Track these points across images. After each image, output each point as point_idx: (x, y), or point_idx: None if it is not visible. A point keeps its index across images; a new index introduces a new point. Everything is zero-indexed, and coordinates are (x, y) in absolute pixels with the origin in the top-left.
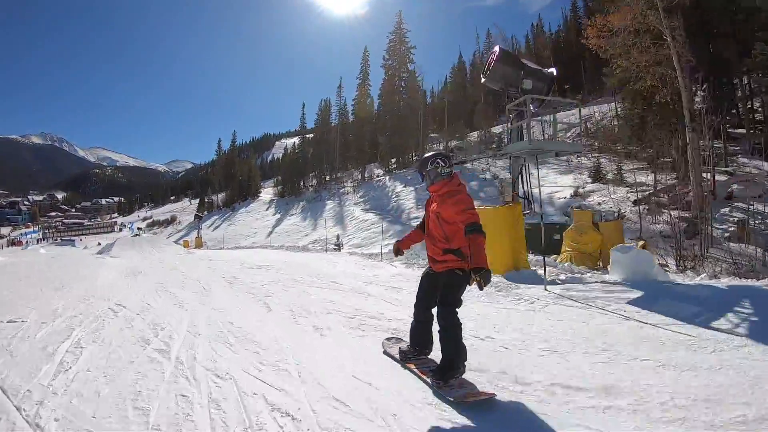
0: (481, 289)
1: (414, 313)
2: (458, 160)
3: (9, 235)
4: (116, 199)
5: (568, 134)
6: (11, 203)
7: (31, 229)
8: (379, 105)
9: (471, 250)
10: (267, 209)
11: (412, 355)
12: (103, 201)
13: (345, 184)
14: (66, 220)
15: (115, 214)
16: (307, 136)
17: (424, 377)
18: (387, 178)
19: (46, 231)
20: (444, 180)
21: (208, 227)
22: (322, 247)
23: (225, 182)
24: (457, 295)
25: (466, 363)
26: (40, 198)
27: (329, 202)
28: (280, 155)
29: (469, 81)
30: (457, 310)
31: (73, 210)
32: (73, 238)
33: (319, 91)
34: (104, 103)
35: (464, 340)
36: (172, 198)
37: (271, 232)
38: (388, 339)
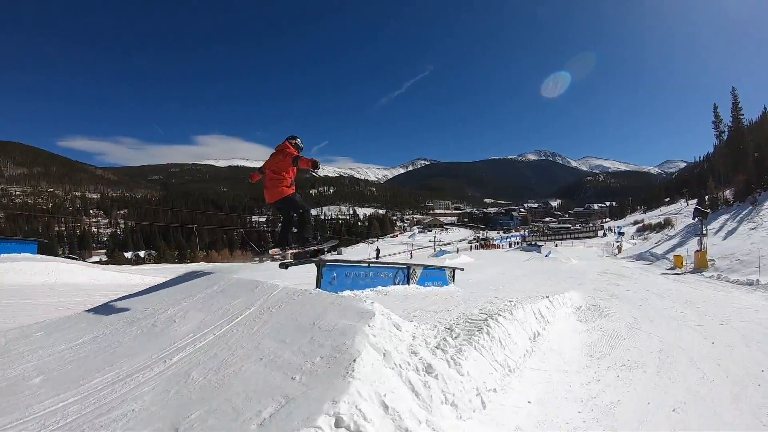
0: None
1: None
2: None
3: (482, 235)
4: (608, 203)
5: None
6: (506, 210)
7: (512, 233)
8: None
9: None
10: None
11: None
12: (595, 206)
13: None
14: (552, 224)
15: (607, 219)
16: None
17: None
18: None
19: (530, 234)
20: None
21: (715, 233)
22: None
23: (732, 169)
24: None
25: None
26: (535, 205)
27: None
28: None
29: None
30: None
31: (566, 215)
32: (539, 243)
33: None
34: (590, 115)
35: None
36: (666, 200)
37: None
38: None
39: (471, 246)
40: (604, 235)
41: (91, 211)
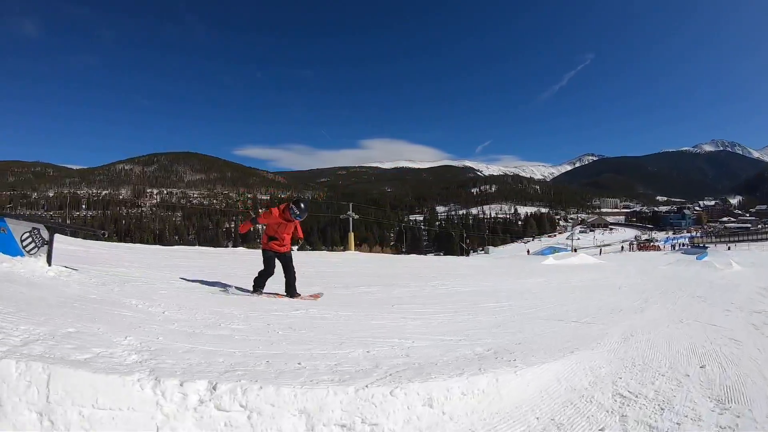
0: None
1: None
2: None
3: (647, 236)
4: None
5: None
6: (678, 209)
7: (682, 235)
8: None
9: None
10: None
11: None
12: None
13: None
14: (729, 224)
15: None
16: None
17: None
18: None
19: (701, 236)
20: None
21: None
22: None
23: None
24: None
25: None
26: (711, 203)
27: None
28: None
29: None
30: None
31: (747, 215)
32: (706, 246)
33: None
34: None
35: None
36: None
37: None
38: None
39: (627, 247)
40: None
41: (260, 210)
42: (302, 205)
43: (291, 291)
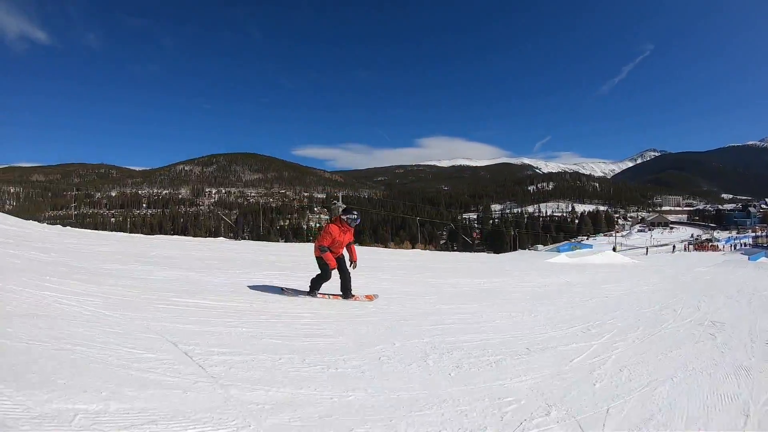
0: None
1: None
2: None
3: (708, 235)
4: None
5: None
6: (743, 206)
7: (747, 234)
8: None
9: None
10: None
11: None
12: None
13: None
14: None
15: None
16: None
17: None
18: None
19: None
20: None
21: None
22: None
23: None
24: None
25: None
26: None
27: None
28: None
29: None
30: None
31: None
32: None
33: None
34: None
35: None
36: None
37: None
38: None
39: (681, 247)
40: None
41: (315, 209)
42: (354, 213)
43: (347, 293)
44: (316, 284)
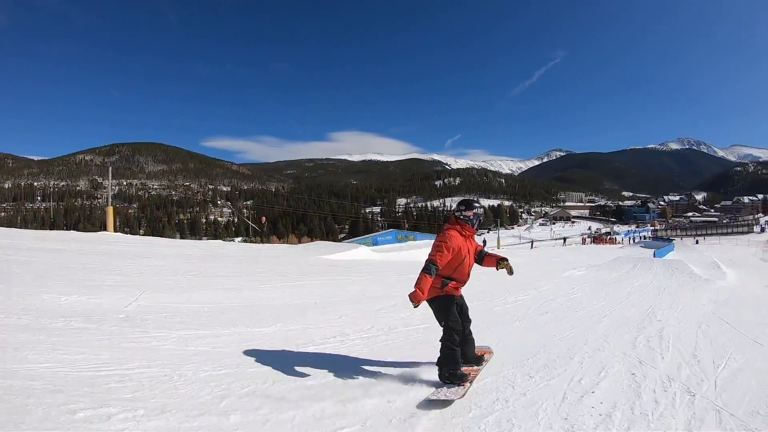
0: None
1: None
2: None
3: (606, 229)
4: (760, 196)
5: None
6: (642, 202)
7: (645, 228)
8: None
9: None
10: None
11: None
12: (746, 199)
13: None
14: (694, 219)
15: (759, 214)
16: None
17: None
18: None
19: (665, 229)
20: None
21: None
22: None
23: None
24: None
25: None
26: (677, 198)
27: None
28: None
29: None
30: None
31: (712, 210)
32: (672, 238)
33: None
34: (738, 100)
35: None
36: None
37: None
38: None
39: (578, 240)
40: (762, 231)
41: (218, 202)
42: (476, 205)
43: (479, 359)
44: (452, 358)
